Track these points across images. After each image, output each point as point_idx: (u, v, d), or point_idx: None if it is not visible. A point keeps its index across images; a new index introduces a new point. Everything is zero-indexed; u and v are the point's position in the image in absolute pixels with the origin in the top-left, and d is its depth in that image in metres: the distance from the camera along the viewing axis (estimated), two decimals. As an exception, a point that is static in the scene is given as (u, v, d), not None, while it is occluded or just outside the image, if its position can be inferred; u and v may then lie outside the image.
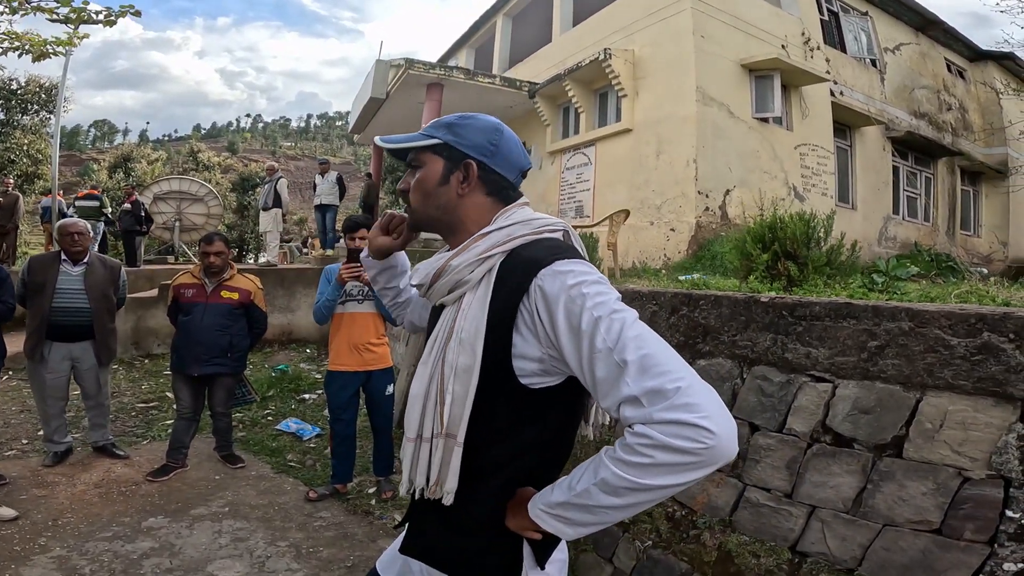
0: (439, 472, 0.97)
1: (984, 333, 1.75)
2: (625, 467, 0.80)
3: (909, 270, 3.71)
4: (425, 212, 1.09)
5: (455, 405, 0.94)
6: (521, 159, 1.10)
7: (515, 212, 1.05)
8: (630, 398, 0.80)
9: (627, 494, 0.81)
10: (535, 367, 0.93)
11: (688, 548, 2.37)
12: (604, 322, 0.84)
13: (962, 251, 11.66)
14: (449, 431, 0.95)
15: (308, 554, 2.98)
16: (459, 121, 1.08)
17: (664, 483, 0.78)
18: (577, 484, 0.87)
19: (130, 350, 7.26)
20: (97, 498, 3.45)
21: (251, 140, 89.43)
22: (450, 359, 0.95)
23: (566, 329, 0.87)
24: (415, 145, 1.08)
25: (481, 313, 0.94)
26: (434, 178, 1.06)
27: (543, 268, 0.92)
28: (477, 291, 0.97)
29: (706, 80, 7.94)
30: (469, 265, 0.98)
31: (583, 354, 0.85)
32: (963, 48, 12.78)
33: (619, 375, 0.81)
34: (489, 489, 0.99)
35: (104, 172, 24.96)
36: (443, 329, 0.99)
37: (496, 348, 0.93)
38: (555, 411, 0.99)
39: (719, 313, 2.59)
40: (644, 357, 0.81)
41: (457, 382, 0.94)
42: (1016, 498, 1.63)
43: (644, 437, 0.78)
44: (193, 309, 3.83)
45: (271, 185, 9.09)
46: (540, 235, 1.01)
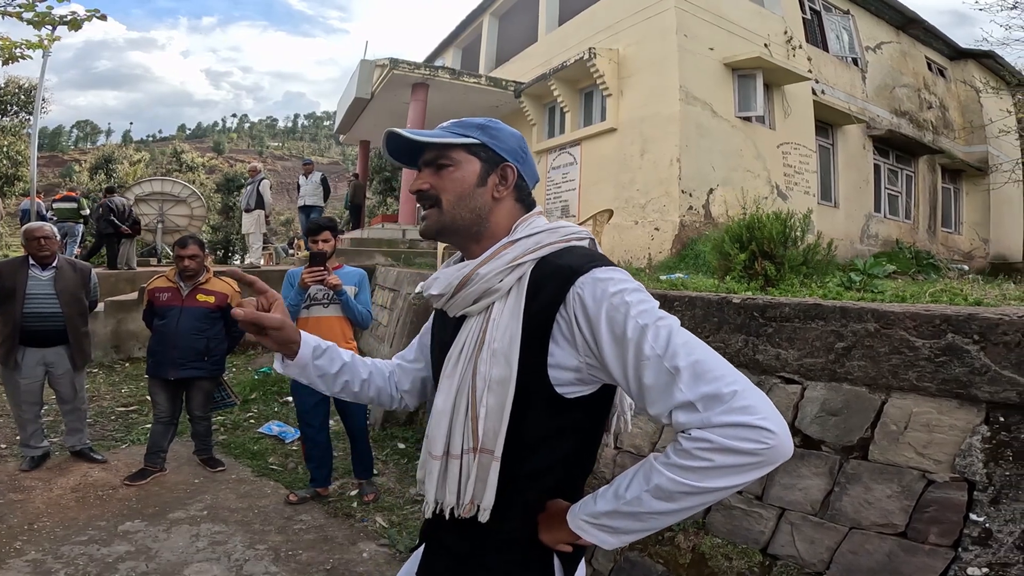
0: (474, 489, 0.93)
1: (948, 334, 1.76)
2: (683, 472, 0.80)
3: (885, 268, 3.75)
4: (457, 214, 1.01)
5: (490, 419, 0.91)
6: (536, 171, 1.10)
7: (535, 220, 1.02)
8: (685, 403, 0.80)
9: (683, 498, 0.81)
10: (571, 376, 0.91)
11: (663, 550, 2.37)
12: (651, 329, 0.83)
13: (943, 248, 11.81)
14: (484, 446, 0.92)
15: (287, 557, 2.96)
16: (491, 124, 1.05)
17: (724, 485, 0.79)
18: (626, 492, 0.86)
19: (110, 353, 7.19)
20: (74, 502, 3.43)
21: (237, 140, 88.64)
22: (482, 371, 0.92)
23: (609, 337, 0.86)
24: (452, 142, 1.02)
25: (514, 322, 0.92)
26: (471, 179, 1.01)
27: (581, 276, 0.89)
28: (507, 300, 0.94)
29: (689, 79, 7.97)
30: (499, 274, 0.94)
31: (628, 362, 0.84)
32: (944, 47, 12.93)
33: (671, 381, 0.81)
34: (523, 503, 0.96)
35: (86, 173, 24.61)
36: (471, 340, 0.95)
37: (531, 358, 0.91)
38: (588, 420, 0.98)
39: (693, 314, 2.59)
40: (696, 363, 0.81)
41: (491, 395, 0.91)
42: (980, 501, 1.63)
43: (704, 441, 0.78)
44: (168, 313, 3.80)
45: (253, 186, 9.03)
46: (568, 243, 0.98)
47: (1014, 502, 1.57)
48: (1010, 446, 1.62)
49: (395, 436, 4.71)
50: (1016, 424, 1.62)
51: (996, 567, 1.54)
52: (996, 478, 1.62)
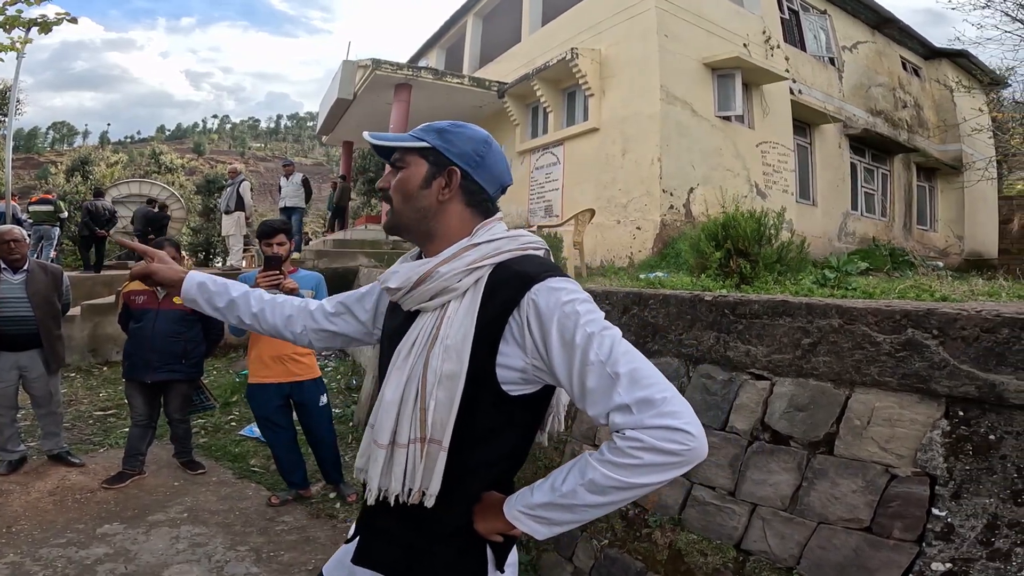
0: (422, 477, 0.98)
1: (908, 329, 1.80)
2: (615, 468, 0.87)
3: (859, 266, 3.81)
4: (404, 213, 1.09)
5: (439, 411, 0.97)
6: (504, 175, 1.12)
7: (495, 226, 1.08)
8: (622, 406, 0.88)
9: (613, 493, 0.89)
10: (517, 376, 0.98)
11: (642, 547, 2.40)
12: (597, 338, 0.91)
13: (919, 246, 12.03)
14: (433, 436, 0.97)
15: (269, 558, 2.97)
16: (451, 128, 1.09)
17: (648, 481, 0.87)
18: (562, 486, 0.93)
19: (87, 357, 7.11)
20: (51, 505, 3.42)
21: (218, 141, 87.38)
22: (434, 365, 0.97)
23: (559, 343, 0.92)
24: (403, 145, 1.09)
25: (468, 322, 0.97)
26: (416, 180, 1.07)
27: (537, 283, 0.96)
28: (463, 300, 1.00)
29: (670, 79, 8.04)
30: (458, 274, 1.00)
31: (574, 366, 0.91)
32: (918, 46, 13.16)
33: (611, 386, 0.89)
34: (465, 494, 1.02)
35: (62, 175, 24.14)
36: (423, 335, 1.01)
37: (482, 356, 0.96)
38: (528, 417, 1.05)
39: (667, 312, 2.62)
40: (634, 371, 0.89)
41: (441, 388, 0.96)
42: (941, 496, 1.66)
43: (636, 440, 0.86)
44: (144, 316, 3.77)
45: (233, 188, 8.95)
46: (526, 251, 1.05)
47: (975, 496, 1.60)
48: (970, 440, 1.66)
49: (378, 437, 4.70)
50: (975, 418, 1.66)
51: (959, 562, 1.57)
52: (956, 472, 1.66)
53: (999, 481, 1.56)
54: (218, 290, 1.32)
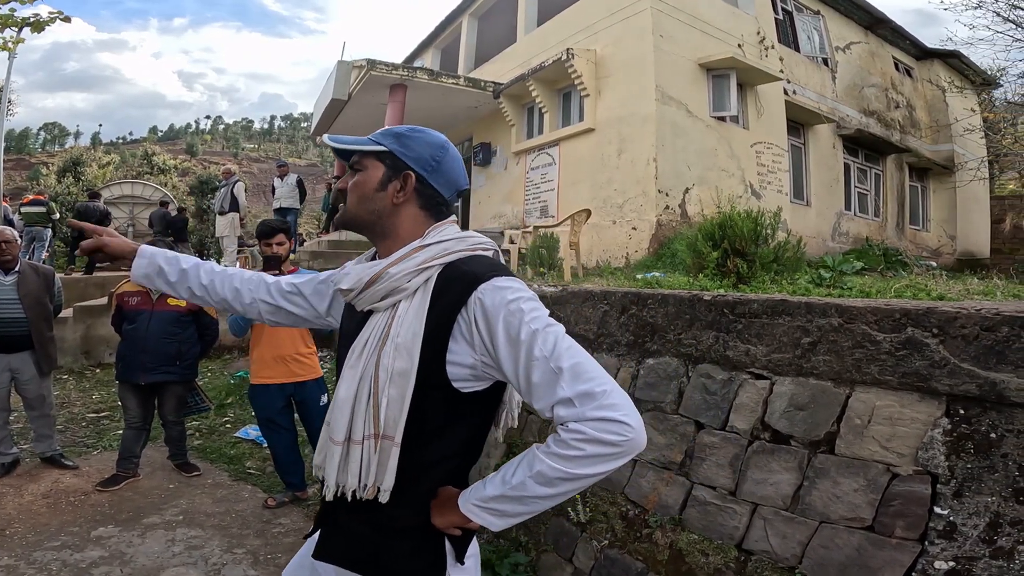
0: (376, 473, 1.01)
1: (908, 328, 1.80)
2: (559, 459, 0.91)
3: (854, 265, 3.83)
4: (358, 214, 1.13)
5: (391, 407, 1.00)
6: (460, 179, 1.16)
7: (447, 228, 1.11)
8: (565, 399, 0.92)
9: (560, 484, 0.92)
10: (467, 372, 1.01)
11: (642, 547, 2.39)
12: (541, 335, 0.95)
13: (911, 245, 12.10)
14: (386, 433, 1.00)
15: (266, 560, 2.95)
16: (409, 133, 1.13)
17: (592, 472, 0.91)
18: (512, 478, 0.96)
19: (80, 359, 7.08)
20: (45, 508, 3.39)
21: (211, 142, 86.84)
22: (385, 363, 1.00)
23: (505, 339, 0.96)
24: (360, 149, 1.13)
25: (418, 321, 1.00)
26: (372, 183, 1.11)
27: (483, 283, 1.00)
28: (413, 300, 1.03)
29: (665, 79, 8.05)
30: (407, 275, 1.03)
31: (520, 362, 0.95)
32: (910, 47, 13.23)
33: (555, 380, 0.92)
34: (420, 489, 1.05)
35: (53, 176, 23.94)
36: (375, 334, 1.04)
37: (432, 354, 1.00)
38: (480, 413, 1.08)
39: (666, 312, 2.62)
40: (576, 365, 0.93)
41: (393, 386, 0.99)
42: (943, 494, 1.66)
43: (578, 432, 0.90)
44: (138, 317, 3.74)
45: (227, 189, 8.90)
46: (475, 252, 1.08)
47: (976, 495, 1.61)
48: (971, 439, 1.66)
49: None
50: (976, 417, 1.67)
51: (962, 560, 1.57)
52: (958, 471, 1.66)
53: (1001, 479, 1.56)
54: (169, 264, 1.31)
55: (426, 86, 9.92)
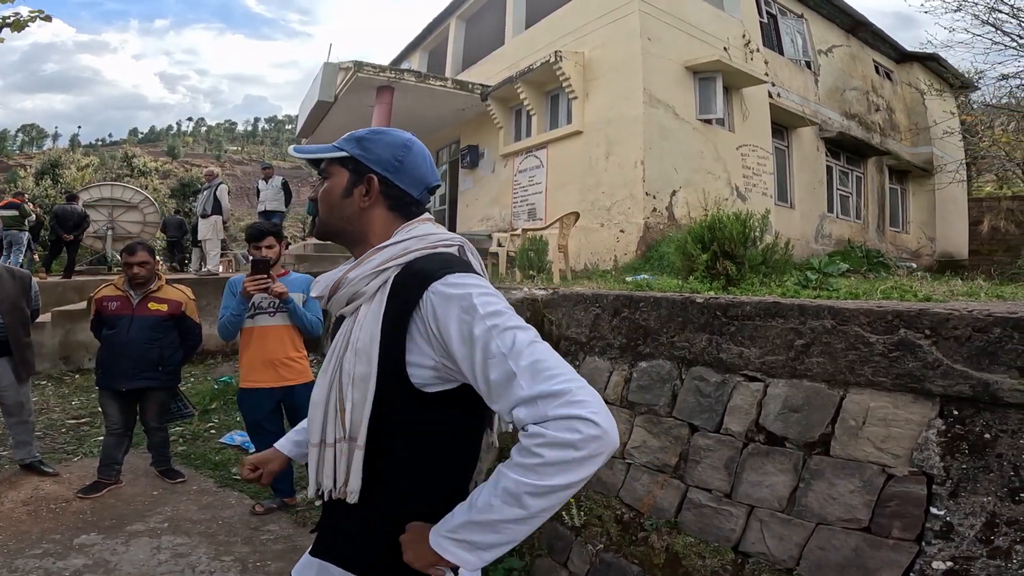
0: (343, 474, 1.01)
1: (901, 330, 1.81)
2: (522, 471, 0.83)
3: (839, 267, 3.88)
4: (330, 222, 1.13)
5: (355, 411, 0.99)
6: (428, 176, 1.13)
7: (415, 227, 1.09)
8: (524, 399, 0.85)
9: (529, 500, 0.82)
10: (430, 374, 0.98)
11: (638, 551, 2.38)
12: (496, 331, 0.90)
13: (892, 247, 12.30)
14: (351, 435, 1.00)
15: (255, 568, 2.90)
16: (370, 136, 1.11)
17: (559, 482, 0.81)
18: (478, 500, 0.88)
19: (59, 365, 6.94)
20: (26, 515, 3.32)
21: (193, 144, 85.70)
22: (347, 368, 1.00)
23: (458, 339, 0.92)
24: (322, 156, 1.12)
25: (375, 324, 0.99)
26: (338, 190, 1.11)
27: (434, 281, 0.97)
28: (372, 303, 1.02)
29: (652, 82, 8.09)
30: (365, 278, 1.03)
31: (476, 361, 0.90)
32: (890, 50, 13.47)
33: (512, 379, 0.86)
34: (397, 491, 1.03)
35: (31, 178, 23.45)
36: (341, 339, 1.04)
37: (390, 357, 0.98)
38: (453, 414, 1.03)
39: (658, 314, 2.61)
40: (536, 362, 0.86)
41: (355, 390, 0.99)
42: (939, 495, 1.67)
43: (538, 436, 0.82)
44: (118, 322, 3.66)
45: (210, 191, 8.78)
46: (435, 249, 1.05)
47: (972, 495, 1.62)
48: (965, 439, 1.67)
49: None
50: (970, 417, 1.68)
51: (960, 560, 1.57)
52: (953, 471, 1.67)
53: (996, 479, 1.57)
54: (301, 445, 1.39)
55: (413, 88, 9.88)
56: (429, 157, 1.14)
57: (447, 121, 11.65)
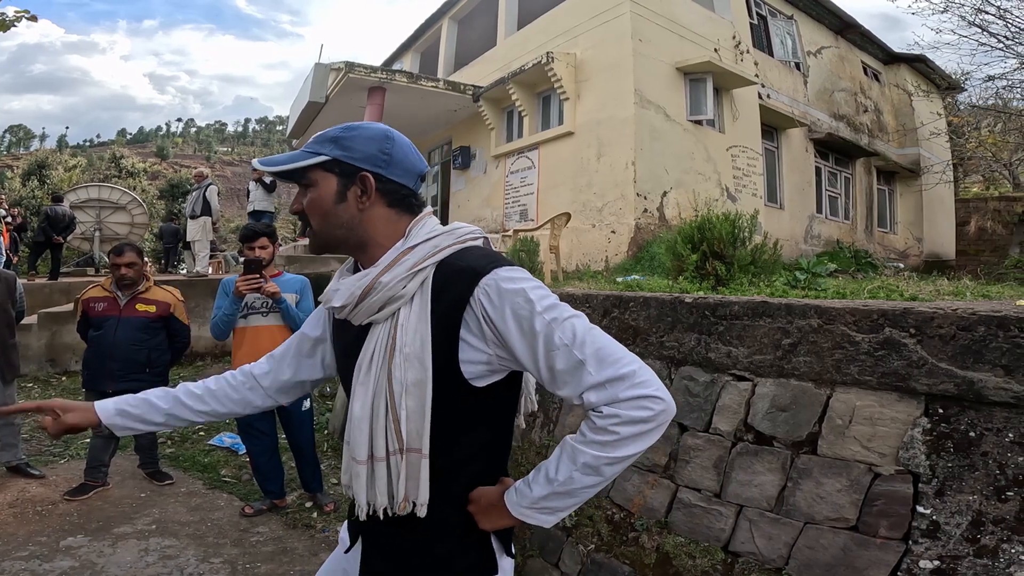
0: (407, 488, 0.98)
1: (886, 329, 1.82)
2: (601, 447, 0.91)
3: (827, 267, 3.90)
4: (328, 232, 1.06)
5: (412, 419, 0.96)
6: (417, 164, 1.09)
7: (427, 222, 1.06)
8: (594, 384, 0.91)
9: (606, 469, 0.92)
10: (483, 368, 0.98)
11: (629, 551, 2.38)
12: (556, 323, 0.93)
13: (880, 247, 12.40)
14: (411, 446, 0.97)
15: (245, 570, 2.89)
16: (345, 133, 1.05)
17: (634, 451, 0.91)
18: (557, 474, 0.95)
19: (45, 367, 6.89)
20: (11, 518, 3.30)
21: (183, 145, 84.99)
22: (397, 376, 0.96)
23: (517, 332, 0.93)
24: (300, 165, 1.03)
25: (423, 326, 0.96)
26: (330, 196, 1.04)
27: (484, 277, 0.96)
28: (412, 305, 0.98)
29: (644, 83, 8.11)
30: (401, 280, 0.98)
31: (539, 353, 0.93)
32: (878, 51, 13.58)
33: (580, 367, 0.91)
34: (452, 491, 1.02)
35: (18, 179, 23.17)
36: (380, 347, 0.99)
37: (443, 357, 0.96)
38: (501, 405, 1.05)
39: (648, 314, 2.62)
40: (599, 350, 0.92)
41: (410, 397, 0.96)
42: (925, 493, 1.68)
43: (614, 416, 0.89)
44: (105, 323, 3.64)
45: (199, 192, 8.72)
46: (465, 243, 1.03)
47: (958, 493, 1.63)
48: (950, 437, 1.69)
49: (354, 445, 4.64)
50: (955, 416, 1.69)
51: (947, 559, 1.58)
52: (939, 470, 1.68)
53: (982, 478, 1.58)
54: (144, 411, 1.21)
55: (405, 89, 9.85)
56: (412, 144, 1.10)
57: (439, 122, 11.63)
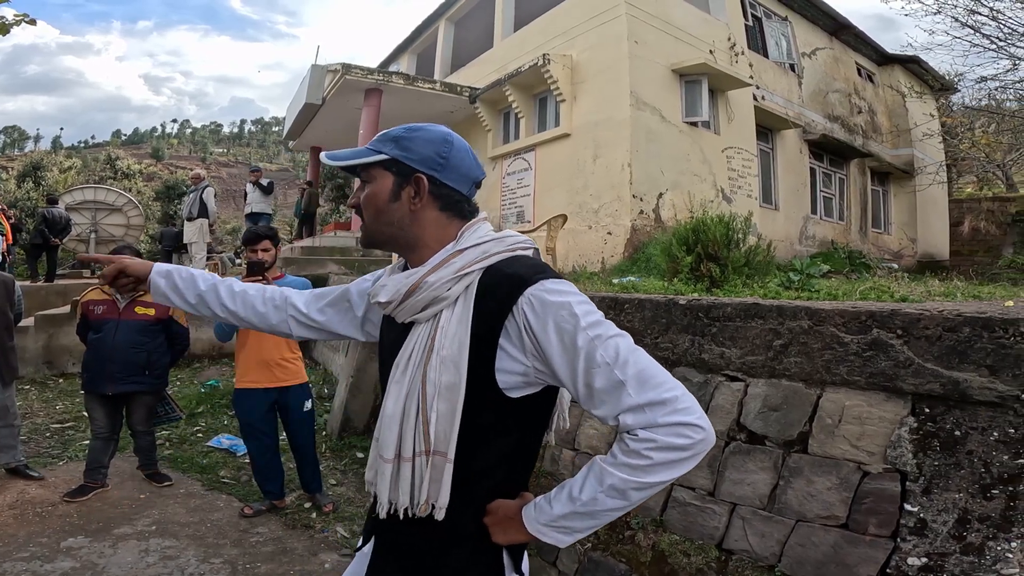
0: (428, 489, 0.97)
1: (874, 330, 1.86)
2: (632, 470, 0.88)
3: (821, 268, 3.95)
4: (378, 229, 1.08)
5: (441, 423, 0.95)
6: (474, 170, 1.09)
7: (480, 227, 1.06)
8: (634, 407, 0.89)
9: (634, 494, 0.90)
10: (518, 380, 0.97)
11: (625, 549, 2.42)
12: (600, 340, 0.90)
13: (874, 248, 12.46)
14: (437, 449, 0.96)
15: (245, 570, 2.91)
16: (407, 134, 1.06)
17: (665, 478, 0.89)
18: (581, 494, 0.92)
19: (42, 369, 6.90)
20: (12, 519, 3.31)
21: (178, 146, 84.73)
22: (432, 377, 0.95)
23: (559, 347, 0.92)
24: (360, 162, 1.06)
25: (462, 330, 0.96)
26: (384, 194, 1.06)
27: (529, 287, 0.94)
28: (455, 308, 0.98)
29: (639, 85, 8.15)
30: (447, 282, 0.98)
31: (579, 369, 0.91)
32: (872, 52, 13.65)
33: (620, 387, 0.89)
34: (472, 499, 1.01)
35: (13, 181, 23.08)
36: (419, 347, 0.99)
37: (480, 364, 0.95)
38: (533, 418, 1.04)
39: (643, 316, 2.66)
40: (641, 372, 0.90)
41: (441, 400, 0.95)
42: (913, 491, 1.72)
43: (649, 441, 0.87)
44: (104, 326, 3.65)
45: (196, 194, 8.72)
46: (514, 252, 1.02)
47: (944, 491, 1.66)
48: (936, 436, 1.72)
49: (353, 445, 4.66)
50: (941, 415, 1.73)
51: (935, 556, 1.62)
52: (926, 468, 1.72)
53: (967, 476, 1.62)
54: (185, 284, 1.27)
55: (402, 90, 9.88)
56: (471, 150, 1.10)
57: (435, 123, 11.66)
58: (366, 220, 1.09)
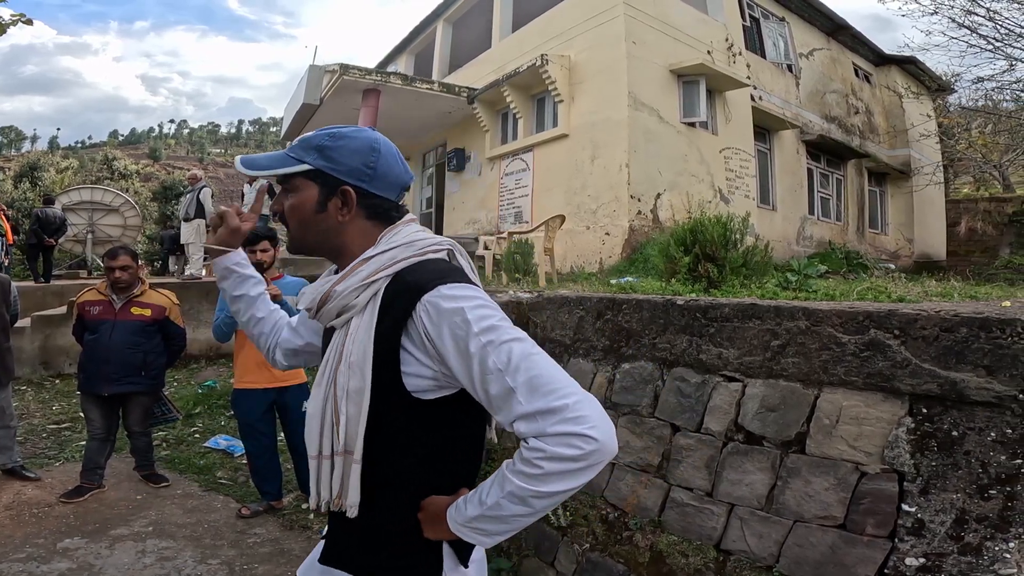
0: (340, 488, 1.00)
1: (872, 330, 1.87)
2: (526, 478, 0.87)
3: (819, 268, 3.95)
4: (304, 238, 1.08)
5: (350, 425, 0.97)
6: (402, 176, 1.08)
7: (400, 231, 1.05)
8: (524, 415, 0.87)
9: (533, 501, 0.88)
10: (429, 383, 0.97)
11: (623, 550, 2.42)
12: (492, 346, 0.89)
13: (871, 248, 12.50)
14: (347, 448, 0.98)
15: (242, 571, 2.91)
16: (331, 143, 1.04)
17: (560, 488, 0.86)
18: (487, 498, 0.92)
19: (38, 370, 6.88)
20: (8, 520, 3.31)
21: (175, 147, 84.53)
22: (341, 382, 0.98)
23: (455, 353, 0.91)
24: (281, 172, 1.05)
25: (367, 337, 0.97)
26: (310, 205, 1.04)
27: (426, 294, 0.94)
28: (363, 316, 0.99)
29: (637, 85, 8.16)
30: (354, 290, 0.99)
31: (475, 375, 0.91)
32: (869, 53, 13.69)
33: (511, 394, 0.88)
34: (400, 499, 1.02)
35: (9, 181, 23.00)
36: (333, 352, 1.01)
37: (385, 370, 0.96)
38: (455, 417, 1.02)
39: (640, 317, 2.66)
40: (533, 378, 0.87)
41: (350, 403, 0.97)
42: (910, 492, 1.72)
43: (538, 450, 0.86)
44: (100, 327, 3.64)
45: (193, 195, 8.72)
46: (424, 256, 1.02)
47: (942, 492, 1.67)
48: (934, 436, 1.73)
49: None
50: (938, 415, 1.73)
51: (932, 557, 1.62)
52: (923, 468, 1.72)
53: (965, 476, 1.63)
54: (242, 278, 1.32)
55: (399, 91, 9.87)
56: (398, 154, 1.09)
57: (433, 124, 11.66)
58: (291, 229, 1.08)
